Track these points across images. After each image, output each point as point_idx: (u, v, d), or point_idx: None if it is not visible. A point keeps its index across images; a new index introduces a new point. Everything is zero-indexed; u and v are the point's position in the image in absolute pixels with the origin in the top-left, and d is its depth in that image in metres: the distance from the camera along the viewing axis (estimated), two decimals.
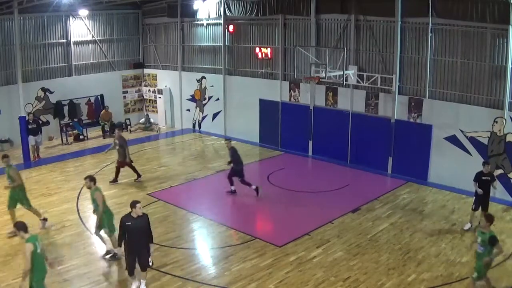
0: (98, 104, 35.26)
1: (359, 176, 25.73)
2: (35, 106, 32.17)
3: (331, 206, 21.44)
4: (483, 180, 18.29)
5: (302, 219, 20.08)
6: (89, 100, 35.05)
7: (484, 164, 18.55)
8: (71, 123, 33.59)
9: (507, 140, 21.49)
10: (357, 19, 26.07)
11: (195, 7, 33.01)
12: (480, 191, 18.22)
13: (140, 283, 14.49)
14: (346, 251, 17.20)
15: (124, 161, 24.25)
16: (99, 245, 17.47)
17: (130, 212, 13.97)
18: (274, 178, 25.10)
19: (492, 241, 13.55)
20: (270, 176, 25.42)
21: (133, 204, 13.91)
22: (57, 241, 18.09)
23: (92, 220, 20.16)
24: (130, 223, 13.79)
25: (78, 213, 20.75)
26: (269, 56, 30.22)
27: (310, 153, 29.04)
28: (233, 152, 22.50)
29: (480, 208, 18.51)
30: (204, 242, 18.59)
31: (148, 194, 22.86)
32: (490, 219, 14.11)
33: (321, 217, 20.05)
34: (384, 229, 18.94)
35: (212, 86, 33.98)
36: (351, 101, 26.81)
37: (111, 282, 15.33)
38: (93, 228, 17.60)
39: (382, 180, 25.19)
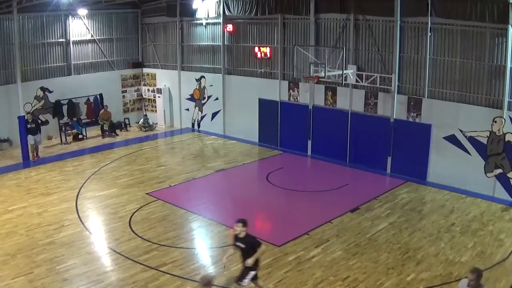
0: (97, 104, 35.22)
1: (358, 175, 25.73)
2: (34, 106, 32.09)
3: (330, 206, 21.45)
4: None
5: (301, 219, 20.09)
6: (88, 99, 35.00)
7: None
8: (70, 123, 33.56)
9: (506, 139, 21.48)
10: (356, 19, 26.06)
11: (194, 6, 32.97)
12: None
13: None
14: (345, 251, 17.19)
15: None
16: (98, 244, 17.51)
17: None
18: (273, 178, 25.09)
19: None
20: (269, 175, 25.41)
21: None
22: (56, 240, 18.06)
23: (90, 220, 20.26)
24: None
25: (77, 213, 20.69)
26: (268, 55, 30.21)
27: (309, 152, 29.04)
28: None
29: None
30: (203, 242, 18.60)
31: (147, 194, 22.86)
32: None
33: (320, 217, 20.05)
34: (383, 228, 18.94)
35: (211, 85, 33.95)
36: (350, 101, 26.81)
37: (110, 281, 15.32)
38: (92, 228, 17.52)
39: (381, 179, 25.20)
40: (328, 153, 27.97)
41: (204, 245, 18.32)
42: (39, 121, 30.48)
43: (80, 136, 33.43)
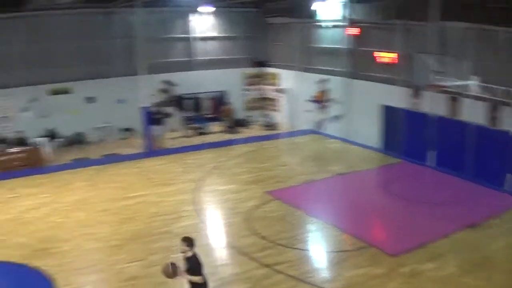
0: (220, 100, 35.97)
1: (478, 191, 24.49)
2: (159, 98, 33.07)
3: (447, 220, 20.69)
4: None
5: (417, 230, 19.51)
6: (211, 95, 35.82)
7: None
8: (193, 117, 34.40)
9: None
10: (481, 28, 25.21)
11: (317, 8, 33.03)
12: None
13: None
14: (458, 267, 16.53)
15: None
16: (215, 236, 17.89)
17: None
18: (392, 186, 24.63)
19: None
20: (388, 183, 25.02)
21: None
22: (173, 230, 18.76)
23: (208, 213, 20.72)
24: None
25: (195, 205, 21.27)
26: (392, 61, 29.77)
27: (430, 163, 28.30)
28: None
29: None
30: (318, 245, 18.51)
31: (266, 192, 23.07)
32: None
33: (437, 230, 19.34)
34: (501, 247, 18.21)
35: (335, 88, 33.75)
36: (472, 113, 25.87)
37: (224, 275, 15.53)
38: (209, 221, 17.86)
39: (502, 196, 24.08)
40: (449, 165, 27.08)
41: (319, 248, 18.27)
42: (163, 113, 31.44)
43: (202, 131, 34.21)
